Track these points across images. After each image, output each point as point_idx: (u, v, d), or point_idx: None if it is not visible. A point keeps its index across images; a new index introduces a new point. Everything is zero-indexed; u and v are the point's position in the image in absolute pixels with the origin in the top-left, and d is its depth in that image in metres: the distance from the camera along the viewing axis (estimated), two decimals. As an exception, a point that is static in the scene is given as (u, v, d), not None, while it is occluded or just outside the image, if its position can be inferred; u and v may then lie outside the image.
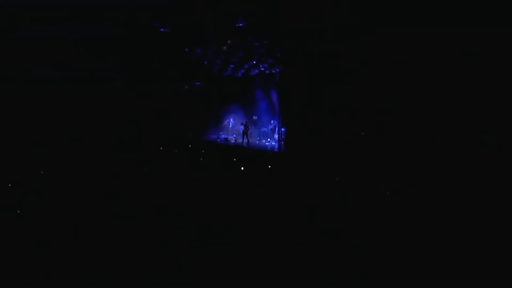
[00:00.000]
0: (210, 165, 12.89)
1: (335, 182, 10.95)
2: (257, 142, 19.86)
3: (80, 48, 23.17)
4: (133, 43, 23.19)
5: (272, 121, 19.86)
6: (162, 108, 23.44)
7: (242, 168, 12.46)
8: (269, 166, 12.38)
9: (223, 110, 22.17)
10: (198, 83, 22.90)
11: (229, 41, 19.36)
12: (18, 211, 8.26)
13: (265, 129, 20.21)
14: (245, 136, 19.52)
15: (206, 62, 21.73)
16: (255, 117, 21.51)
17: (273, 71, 20.20)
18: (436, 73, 11.07)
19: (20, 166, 12.90)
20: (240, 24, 18.89)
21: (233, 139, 20.24)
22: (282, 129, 19.28)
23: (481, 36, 10.04)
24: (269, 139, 19.49)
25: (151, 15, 20.76)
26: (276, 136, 19.57)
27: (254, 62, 20.21)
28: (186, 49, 21.42)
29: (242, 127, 19.67)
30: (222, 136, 21.43)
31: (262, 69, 20.48)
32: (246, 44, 19.30)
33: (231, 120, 21.80)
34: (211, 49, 20.68)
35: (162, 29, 20.65)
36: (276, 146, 18.47)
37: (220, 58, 21.10)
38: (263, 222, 7.80)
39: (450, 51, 10.67)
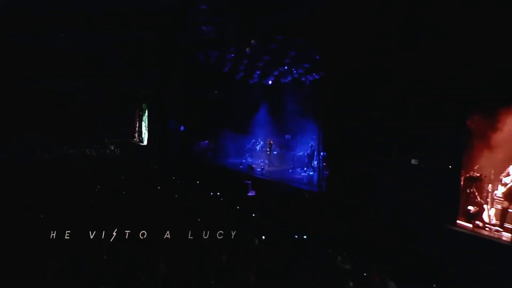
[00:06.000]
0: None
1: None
2: (290, 171, 15.33)
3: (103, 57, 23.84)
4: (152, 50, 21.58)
5: (310, 144, 15.25)
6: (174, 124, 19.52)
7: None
8: (304, 236, 7.85)
9: (249, 128, 17.79)
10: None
11: (252, 41, 14.95)
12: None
13: (302, 153, 15.63)
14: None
15: (226, 69, 17.48)
16: (287, 137, 17.01)
17: (310, 78, 15.64)
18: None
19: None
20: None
21: (261, 166, 15.80)
22: (322, 154, 14.77)
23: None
24: (305, 168, 14.87)
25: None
26: (315, 163, 14.99)
27: (286, 68, 15.74)
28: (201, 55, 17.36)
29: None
30: (247, 160, 17.09)
31: (296, 75, 15.97)
32: (274, 44, 14.88)
33: (259, 140, 17.38)
34: (231, 52, 16.46)
35: None
36: (315, 178, 13.90)
37: (243, 63, 16.80)
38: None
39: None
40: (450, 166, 8.40)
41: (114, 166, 15.16)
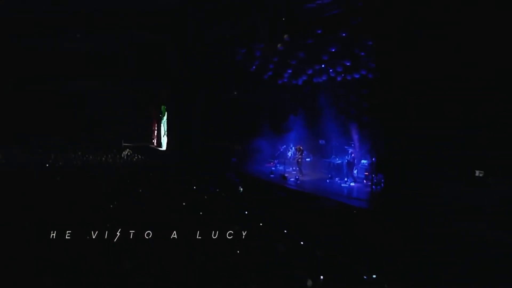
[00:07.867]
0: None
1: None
2: (327, 181, 13.68)
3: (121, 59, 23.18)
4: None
5: (350, 150, 13.62)
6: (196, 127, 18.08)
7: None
8: (374, 276, 6.20)
9: (279, 132, 16.18)
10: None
11: (285, 37, 13.41)
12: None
13: (340, 161, 13.97)
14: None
15: (253, 67, 15.97)
16: (322, 142, 15.36)
17: (347, 78, 14.04)
18: None
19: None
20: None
21: (295, 175, 14.19)
22: (365, 162, 13.19)
23: None
24: (346, 179, 13.20)
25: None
26: (355, 172, 13.37)
27: (323, 66, 14.15)
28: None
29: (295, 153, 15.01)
30: (277, 167, 15.52)
31: (333, 75, 14.36)
32: (311, 40, 13.33)
33: (291, 146, 15.79)
34: (260, 50, 14.97)
35: None
36: (355, 191, 12.27)
37: (273, 61, 15.27)
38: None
39: None
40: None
41: (130, 176, 13.76)
